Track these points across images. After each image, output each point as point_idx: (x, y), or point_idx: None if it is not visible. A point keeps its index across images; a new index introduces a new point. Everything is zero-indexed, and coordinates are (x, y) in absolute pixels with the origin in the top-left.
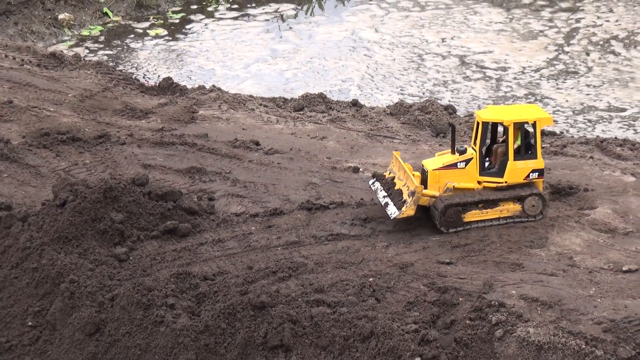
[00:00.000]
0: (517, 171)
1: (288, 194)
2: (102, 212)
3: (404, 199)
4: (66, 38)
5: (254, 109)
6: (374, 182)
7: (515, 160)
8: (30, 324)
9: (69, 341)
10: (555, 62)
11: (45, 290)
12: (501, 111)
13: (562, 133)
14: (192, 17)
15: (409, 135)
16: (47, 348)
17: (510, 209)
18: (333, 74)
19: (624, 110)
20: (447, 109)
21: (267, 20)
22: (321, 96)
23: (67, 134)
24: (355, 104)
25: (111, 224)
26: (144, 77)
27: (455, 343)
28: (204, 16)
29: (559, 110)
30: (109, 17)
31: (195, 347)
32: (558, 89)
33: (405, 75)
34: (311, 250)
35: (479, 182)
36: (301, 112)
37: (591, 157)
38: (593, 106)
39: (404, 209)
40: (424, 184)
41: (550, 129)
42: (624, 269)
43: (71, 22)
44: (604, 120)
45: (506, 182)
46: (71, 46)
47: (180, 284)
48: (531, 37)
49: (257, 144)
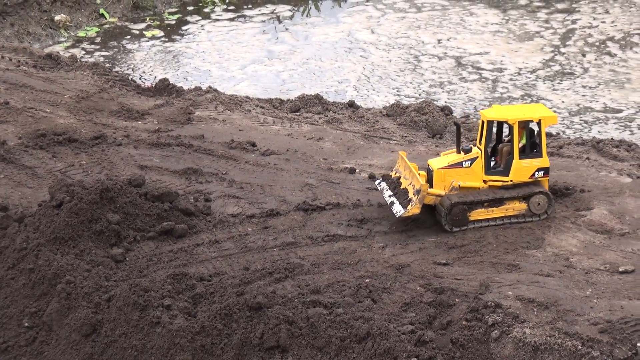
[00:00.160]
0: (522, 170)
1: (284, 195)
2: (99, 213)
3: (409, 197)
4: (62, 39)
5: (250, 110)
6: (380, 182)
7: (520, 159)
8: (26, 324)
9: (65, 342)
10: (551, 63)
11: (41, 291)
12: (506, 110)
13: (558, 134)
14: (188, 18)
15: (405, 136)
16: (44, 349)
17: (516, 207)
18: (329, 75)
19: (620, 111)
20: (443, 110)
21: (264, 21)
22: (317, 97)
23: (64, 135)
24: (351, 105)
25: (107, 225)
26: (140, 78)
27: (452, 344)
28: (200, 17)
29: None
30: (105, 19)
31: (192, 348)
32: (554, 90)
33: (401, 77)
34: (307, 251)
35: (485, 181)
36: (297, 113)
37: (587, 158)
38: (589, 107)
39: (409, 207)
40: (429, 183)
41: (546, 129)
42: (620, 270)
43: (67, 24)
44: (600, 121)
45: (511, 181)
46: (67, 47)
47: (177, 285)
48: (527, 38)
49: (254, 145)
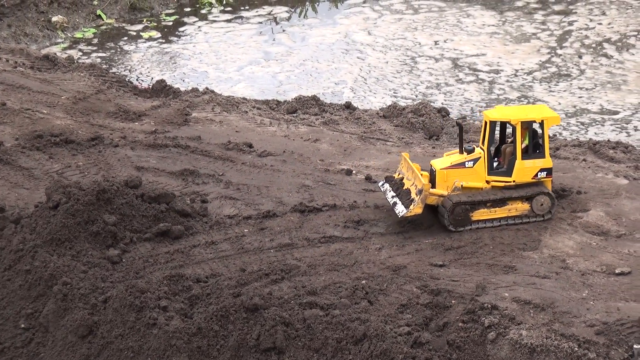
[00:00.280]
0: (525, 170)
1: (281, 197)
2: (95, 214)
3: (412, 197)
4: (59, 40)
5: (247, 112)
6: (382, 184)
7: (523, 160)
8: (23, 326)
9: (61, 343)
10: (547, 65)
11: (38, 292)
12: (509, 111)
13: (555, 136)
14: (185, 19)
15: (402, 137)
16: (40, 350)
17: (518, 208)
18: (326, 76)
19: (616, 113)
20: (440, 111)
21: (261, 22)
22: (314, 99)
23: (60, 136)
24: (348, 106)
25: (104, 226)
26: (137, 80)
27: (448, 345)
28: (197, 19)
29: None
30: (103, 20)
31: (188, 349)
32: (551, 91)
33: (398, 78)
34: (304, 253)
35: (487, 182)
36: (294, 115)
37: (584, 160)
38: (586, 109)
39: (411, 207)
40: (432, 183)
41: None
42: (616, 271)
43: (64, 25)
44: (597, 122)
45: (514, 182)
46: (64, 48)
47: (173, 286)
48: (524, 40)
49: (250, 146)
